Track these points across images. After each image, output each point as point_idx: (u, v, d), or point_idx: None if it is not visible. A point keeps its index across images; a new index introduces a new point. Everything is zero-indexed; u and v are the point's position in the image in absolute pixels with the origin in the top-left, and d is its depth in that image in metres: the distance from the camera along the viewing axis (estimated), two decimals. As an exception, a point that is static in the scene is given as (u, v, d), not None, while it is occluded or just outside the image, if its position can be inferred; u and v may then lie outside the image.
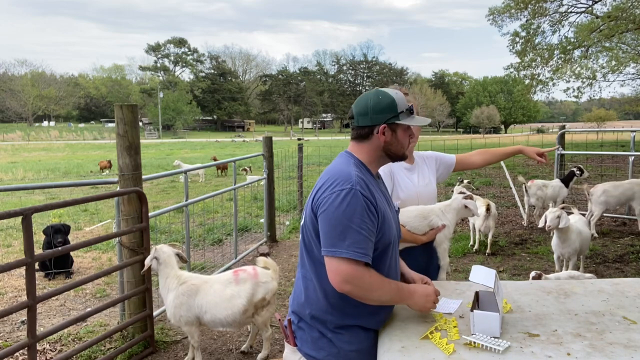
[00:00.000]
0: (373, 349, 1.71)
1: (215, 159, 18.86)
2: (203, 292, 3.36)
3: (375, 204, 1.62)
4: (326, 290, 1.66)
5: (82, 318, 3.33)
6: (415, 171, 2.52)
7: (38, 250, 4.12)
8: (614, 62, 19.78)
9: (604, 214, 8.00)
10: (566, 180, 7.72)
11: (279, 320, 1.89)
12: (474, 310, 1.61)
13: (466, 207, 2.39)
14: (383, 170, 2.45)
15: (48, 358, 3.63)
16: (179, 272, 3.45)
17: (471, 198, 2.42)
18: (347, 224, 1.54)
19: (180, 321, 3.40)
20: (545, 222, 4.59)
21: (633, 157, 8.05)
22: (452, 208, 2.40)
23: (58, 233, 5.74)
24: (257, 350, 3.72)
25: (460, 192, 2.45)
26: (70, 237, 6.07)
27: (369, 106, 1.70)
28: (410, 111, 1.72)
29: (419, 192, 2.44)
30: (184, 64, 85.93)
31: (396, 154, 1.76)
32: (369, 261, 1.58)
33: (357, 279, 1.55)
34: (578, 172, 7.61)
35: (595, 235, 6.91)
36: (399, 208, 2.03)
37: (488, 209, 5.94)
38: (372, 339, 1.73)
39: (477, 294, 1.75)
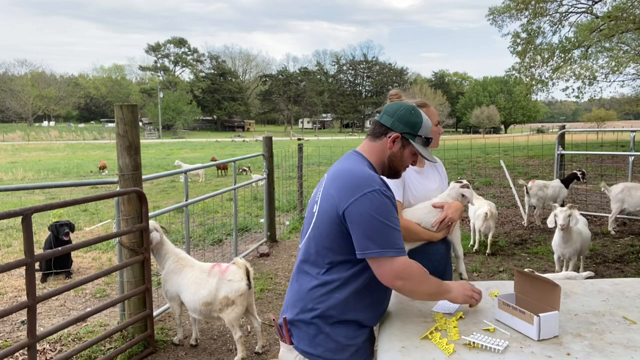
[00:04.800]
0: (368, 346, 1.77)
1: (214, 159, 18.86)
2: (184, 274, 3.66)
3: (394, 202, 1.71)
4: (330, 286, 1.70)
5: (82, 318, 3.33)
6: (425, 174, 2.50)
7: (38, 250, 4.12)
8: (614, 63, 19.78)
9: (604, 214, 8.01)
10: (567, 181, 7.73)
11: (273, 319, 1.90)
12: (540, 315, 1.58)
13: (463, 195, 2.40)
14: None
15: (48, 358, 3.63)
16: (177, 250, 3.83)
17: (467, 187, 2.42)
18: (384, 222, 1.61)
19: (166, 295, 3.79)
20: (556, 222, 4.59)
21: (633, 157, 8.05)
22: (451, 198, 2.41)
23: (65, 226, 5.74)
24: (266, 350, 3.72)
25: (457, 182, 2.45)
26: (70, 237, 6.06)
27: (398, 112, 1.78)
28: (427, 142, 1.81)
29: (429, 197, 2.44)
30: (184, 64, 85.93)
31: (394, 168, 1.82)
32: (406, 254, 1.66)
33: (408, 274, 1.63)
34: (580, 175, 7.65)
35: (613, 232, 6.98)
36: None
37: (487, 214, 5.96)
38: (367, 335, 1.77)
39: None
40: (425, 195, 2.41)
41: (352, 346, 1.70)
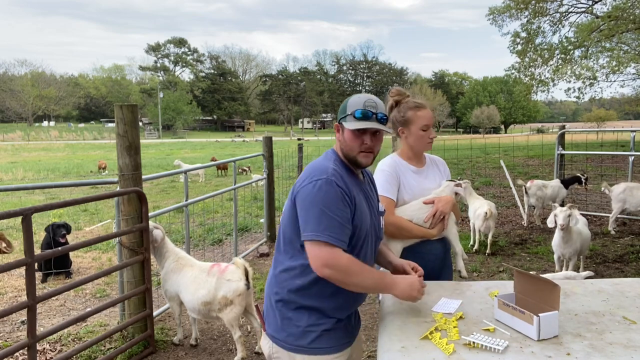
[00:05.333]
0: (332, 336, 1.75)
1: (214, 159, 18.85)
2: (183, 273, 3.66)
3: (350, 195, 1.70)
4: (293, 272, 1.75)
5: (82, 318, 3.33)
6: (425, 174, 2.49)
7: (38, 251, 4.12)
8: (614, 63, 19.79)
9: (604, 214, 8.01)
10: (567, 182, 7.74)
11: (256, 305, 1.98)
12: (540, 314, 1.58)
13: (457, 193, 2.40)
14: (387, 171, 2.46)
15: (48, 358, 3.63)
16: (176, 249, 3.84)
17: (461, 185, 2.41)
18: (323, 209, 1.63)
19: (166, 294, 3.77)
20: (556, 221, 4.59)
21: (633, 157, 8.05)
22: (445, 194, 2.41)
23: (61, 227, 5.73)
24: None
25: (450, 180, 2.44)
26: (70, 237, 6.06)
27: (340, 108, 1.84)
28: (354, 116, 1.74)
29: (426, 196, 2.43)
30: (184, 64, 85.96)
31: (347, 156, 1.79)
32: (344, 247, 1.65)
33: (335, 263, 1.62)
34: (584, 180, 7.67)
35: (613, 232, 6.98)
36: (384, 210, 2.02)
37: (487, 214, 5.96)
38: (330, 325, 1.75)
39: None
40: (422, 194, 2.41)
41: (313, 332, 1.73)
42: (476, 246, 6.32)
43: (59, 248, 3.28)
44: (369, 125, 1.73)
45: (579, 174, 7.88)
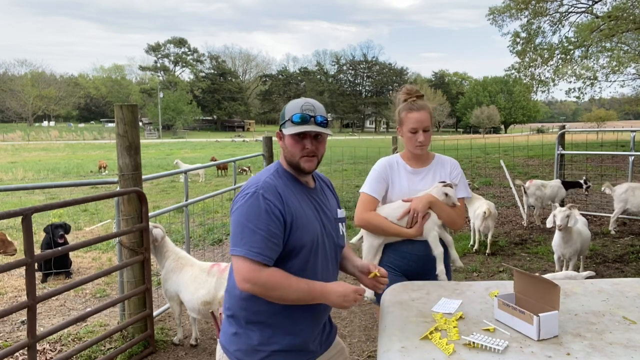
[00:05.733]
0: (285, 357, 1.72)
1: (214, 159, 18.85)
2: (183, 273, 3.66)
3: (283, 207, 1.65)
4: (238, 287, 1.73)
5: (82, 318, 3.33)
6: (422, 175, 2.46)
7: (38, 251, 4.12)
8: (614, 63, 19.79)
9: (604, 214, 8.01)
10: (568, 184, 7.76)
11: (220, 314, 1.92)
12: (540, 314, 1.58)
13: (446, 194, 2.36)
14: (377, 170, 2.48)
15: (48, 358, 3.63)
16: (177, 249, 3.85)
17: (450, 186, 2.36)
18: (245, 223, 1.62)
19: (166, 294, 3.78)
20: (555, 221, 4.59)
21: (633, 157, 8.05)
22: (433, 195, 2.39)
23: (59, 228, 5.74)
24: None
25: (441, 182, 2.42)
26: (70, 237, 6.06)
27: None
28: (292, 121, 1.70)
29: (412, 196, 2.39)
30: (184, 64, 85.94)
31: (290, 163, 1.77)
32: (265, 261, 1.61)
33: (254, 278, 1.59)
34: (585, 187, 7.69)
35: (613, 232, 6.99)
36: (344, 216, 1.95)
37: (486, 213, 5.96)
38: (282, 346, 1.72)
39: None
40: (412, 195, 2.39)
41: (262, 352, 1.70)
42: (476, 246, 6.32)
43: (59, 248, 3.28)
44: (308, 128, 1.68)
45: (581, 181, 7.90)
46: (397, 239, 2.38)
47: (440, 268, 2.34)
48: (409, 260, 2.38)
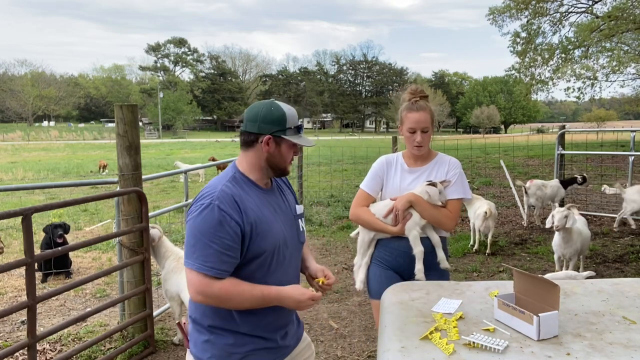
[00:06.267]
0: (263, 356, 1.74)
1: (213, 159, 18.84)
2: (184, 273, 3.57)
3: (239, 219, 1.63)
4: None
5: (82, 318, 3.33)
6: (419, 174, 2.47)
7: (38, 251, 4.12)
8: (614, 63, 19.79)
9: (604, 214, 8.01)
10: (566, 183, 7.76)
11: (185, 323, 1.89)
12: (539, 314, 1.58)
13: (428, 193, 2.37)
14: (375, 167, 2.54)
15: (48, 358, 3.63)
16: (176, 249, 3.84)
17: (435, 185, 2.37)
18: (199, 237, 1.60)
19: (166, 294, 3.79)
20: (553, 221, 4.59)
21: (633, 157, 8.05)
22: (418, 193, 2.41)
23: (58, 228, 5.74)
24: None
25: (427, 181, 2.41)
26: (70, 237, 6.06)
27: (260, 115, 1.72)
28: (298, 129, 1.76)
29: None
30: (184, 64, 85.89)
31: (277, 167, 1.78)
32: (218, 275, 1.61)
33: (206, 291, 1.60)
34: (580, 179, 7.68)
35: (615, 231, 7.02)
36: (302, 212, 1.97)
37: (487, 213, 5.96)
38: (257, 346, 1.74)
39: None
40: (402, 193, 2.43)
41: (238, 354, 1.70)
42: (476, 246, 6.32)
43: (59, 248, 3.28)
44: (309, 139, 1.80)
45: (576, 175, 7.91)
46: (386, 235, 2.45)
47: (418, 267, 2.37)
48: (396, 255, 2.45)
